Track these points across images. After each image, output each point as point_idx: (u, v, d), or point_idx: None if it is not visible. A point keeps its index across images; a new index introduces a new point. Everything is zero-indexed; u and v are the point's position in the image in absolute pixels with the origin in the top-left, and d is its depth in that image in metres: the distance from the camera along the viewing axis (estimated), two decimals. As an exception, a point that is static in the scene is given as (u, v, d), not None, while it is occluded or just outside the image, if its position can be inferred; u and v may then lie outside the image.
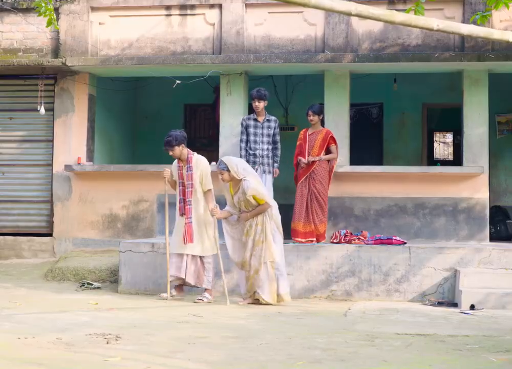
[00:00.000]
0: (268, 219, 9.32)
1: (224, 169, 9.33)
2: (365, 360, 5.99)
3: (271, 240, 9.29)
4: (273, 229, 9.39)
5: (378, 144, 14.97)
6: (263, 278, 9.28)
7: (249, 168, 9.59)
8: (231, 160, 9.43)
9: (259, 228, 9.28)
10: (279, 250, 9.43)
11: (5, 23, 12.85)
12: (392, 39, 11.92)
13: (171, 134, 9.79)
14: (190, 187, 9.72)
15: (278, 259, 9.35)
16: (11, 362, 5.64)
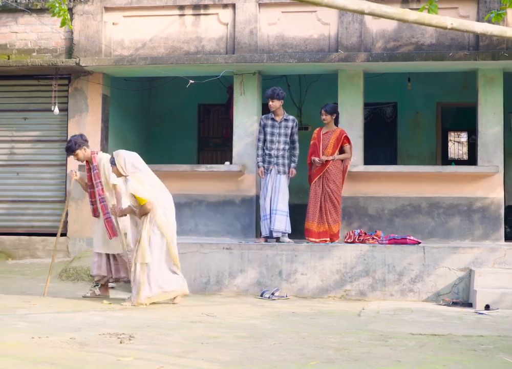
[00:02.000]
0: (147, 220, 9.05)
1: (113, 164, 9.21)
2: (379, 360, 5.96)
3: (145, 241, 9.00)
4: (152, 231, 9.06)
5: (392, 144, 14.93)
6: (133, 278, 9.10)
7: (141, 164, 9.31)
8: (119, 155, 9.23)
9: (140, 228, 9.11)
10: (157, 254, 9.10)
11: (20, 23, 12.89)
12: (406, 38, 11.88)
13: (71, 139, 9.81)
14: (100, 185, 9.71)
15: (149, 260, 9.02)
16: (24, 362, 5.65)
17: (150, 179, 9.32)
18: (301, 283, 10.26)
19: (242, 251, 10.41)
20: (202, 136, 15.77)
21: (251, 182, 12.22)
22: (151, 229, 9.07)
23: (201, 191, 12.41)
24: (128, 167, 9.12)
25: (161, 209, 9.15)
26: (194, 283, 10.39)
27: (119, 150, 9.45)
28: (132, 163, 9.17)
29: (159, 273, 9.14)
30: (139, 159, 9.35)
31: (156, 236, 9.11)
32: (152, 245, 9.07)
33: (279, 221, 10.76)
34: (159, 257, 9.13)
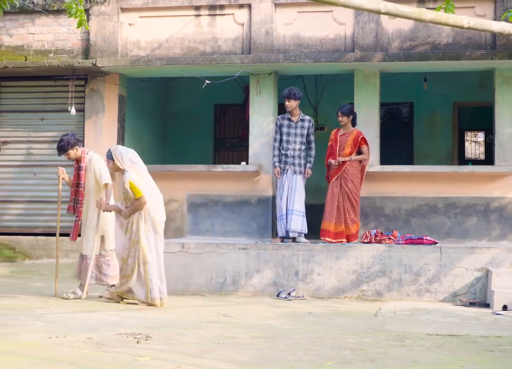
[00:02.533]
0: (142, 219, 9.01)
1: (109, 158, 9.20)
2: (395, 360, 5.94)
3: (144, 241, 8.99)
4: (148, 230, 9.06)
5: (409, 144, 14.89)
6: (137, 279, 9.05)
7: (139, 161, 9.29)
8: (116, 149, 9.25)
9: (134, 227, 9.04)
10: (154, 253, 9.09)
11: (37, 25, 12.96)
12: (422, 38, 11.85)
13: (63, 138, 9.81)
14: (81, 186, 9.75)
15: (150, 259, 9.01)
16: (42, 361, 5.67)
17: (148, 178, 9.33)
18: (317, 283, 10.25)
19: (259, 252, 10.41)
20: (218, 136, 15.79)
21: (267, 182, 12.22)
22: (147, 229, 9.07)
23: (218, 192, 12.42)
24: (125, 161, 9.12)
25: (155, 207, 9.15)
26: (210, 283, 10.40)
27: (117, 146, 9.54)
28: (130, 158, 9.17)
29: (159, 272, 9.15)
30: (136, 156, 9.35)
31: (151, 234, 9.11)
32: (151, 244, 9.08)
33: (295, 221, 10.75)
34: (158, 256, 9.14)
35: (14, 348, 6.16)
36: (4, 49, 13.06)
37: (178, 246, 10.58)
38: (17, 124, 13.28)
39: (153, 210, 9.09)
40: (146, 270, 9.01)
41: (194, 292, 10.37)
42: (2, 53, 13.04)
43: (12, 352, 5.99)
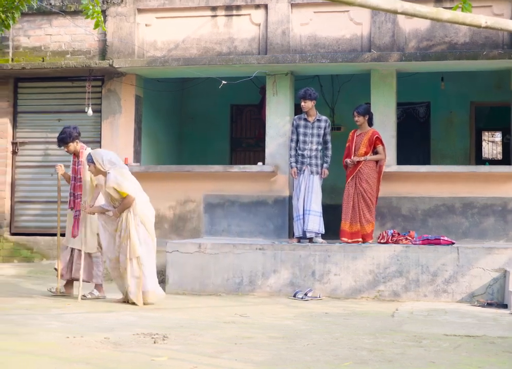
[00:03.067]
0: (131, 215, 9.09)
1: (89, 161, 9.26)
2: (413, 361, 5.93)
3: (135, 236, 9.06)
4: (138, 225, 9.12)
5: (425, 144, 14.84)
6: (130, 275, 9.08)
7: (119, 161, 9.38)
8: (96, 152, 9.34)
9: (124, 224, 9.10)
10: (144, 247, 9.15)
11: (54, 26, 13.01)
12: (439, 37, 11.81)
13: (65, 130, 9.84)
14: (79, 181, 9.77)
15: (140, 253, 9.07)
16: (60, 361, 5.69)
17: (131, 177, 9.41)
18: (334, 283, 10.24)
19: (275, 252, 10.41)
20: (235, 136, 15.80)
21: (284, 183, 12.21)
22: (137, 224, 9.13)
23: (234, 192, 12.42)
24: (106, 163, 9.18)
25: (143, 204, 9.24)
26: (227, 284, 10.41)
27: (96, 149, 9.62)
28: (110, 159, 9.25)
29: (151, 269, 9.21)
30: (116, 157, 9.45)
31: (142, 229, 9.17)
32: (140, 239, 9.14)
33: (312, 221, 10.73)
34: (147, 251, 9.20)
35: (32, 348, 6.19)
36: (22, 51, 13.13)
37: (195, 246, 10.59)
38: (35, 125, 13.34)
39: (140, 206, 9.19)
40: (139, 264, 9.07)
41: (211, 292, 10.38)
42: (20, 54, 13.11)
43: (30, 352, 6.02)
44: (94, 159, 9.19)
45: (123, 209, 9.10)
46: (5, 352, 6.02)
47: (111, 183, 9.04)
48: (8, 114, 13.30)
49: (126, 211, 9.11)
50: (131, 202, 9.09)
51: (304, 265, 10.31)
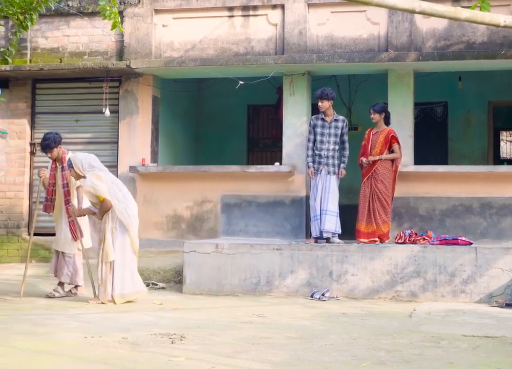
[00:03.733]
0: (109, 218, 9.16)
1: (70, 167, 9.34)
2: (431, 361, 5.91)
3: (109, 239, 9.12)
4: (114, 228, 9.17)
5: (443, 144, 14.80)
6: (99, 277, 9.18)
7: (98, 164, 9.43)
8: (75, 157, 9.39)
9: (103, 227, 9.21)
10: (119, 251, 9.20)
11: (72, 27, 13.06)
12: (457, 37, 11.76)
13: (49, 136, 9.86)
14: (67, 186, 9.80)
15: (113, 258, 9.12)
16: (78, 361, 5.72)
17: (109, 177, 9.45)
18: (351, 283, 10.21)
19: (293, 252, 10.40)
20: (252, 136, 15.80)
21: (301, 183, 12.21)
22: (114, 227, 9.19)
23: (251, 192, 12.43)
24: (85, 166, 9.26)
25: (122, 205, 9.28)
26: (244, 284, 10.41)
27: (75, 153, 9.64)
28: (89, 163, 9.33)
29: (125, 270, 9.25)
30: (96, 160, 9.50)
31: (118, 233, 9.22)
32: (115, 243, 9.20)
33: (329, 221, 10.71)
34: (123, 253, 9.25)
35: (51, 348, 6.23)
36: (39, 52, 13.19)
37: (212, 246, 10.60)
38: (52, 126, 13.36)
39: (120, 207, 9.23)
40: (107, 269, 9.14)
41: (228, 292, 10.38)
42: (38, 55, 13.17)
43: (49, 352, 6.06)
44: (73, 164, 9.30)
45: (103, 213, 9.22)
46: (24, 352, 6.06)
47: (86, 187, 9.17)
48: (26, 115, 13.37)
49: (106, 215, 9.22)
50: (109, 206, 9.17)
51: (321, 265, 10.29)
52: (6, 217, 13.29)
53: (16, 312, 8.35)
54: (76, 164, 9.26)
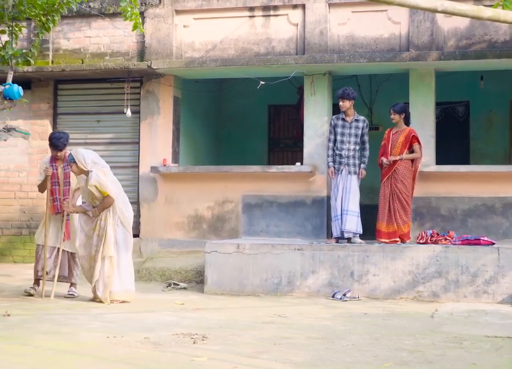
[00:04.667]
0: (110, 214, 9.23)
1: (71, 161, 9.34)
2: (454, 362, 5.88)
3: (111, 235, 9.18)
4: (116, 225, 9.25)
5: (465, 143, 14.72)
6: (100, 274, 9.18)
7: (101, 161, 9.49)
8: (78, 152, 9.41)
9: (103, 223, 9.23)
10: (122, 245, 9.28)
11: (93, 28, 13.12)
12: (479, 36, 11.70)
13: (63, 136, 9.86)
14: (69, 184, 9.82)
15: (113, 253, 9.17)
16: (101, 360, 5.75)
17: (112, 176, 9.54)
18: (373, 284, 10.19)
19: (314, 252, 10.39)
20: (272, 136, 15.80)
21: (322, 183, 12.19)
22: (116, 223, 9.26)
23: (272, 192, 12.43)
24: (88, 161, 9.31)
25: (122, 204, 9.39)
26: (265, 284, 10.41)
27: (77, 149, 9.70)
28: (92, 159, 9.39)
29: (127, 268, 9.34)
30: (97, 156, 9.57)
31: (120, 229, 9.31)
32: (118, 239, 9.27)
33: (350, 221, 10.70)
34: (126, 250, 9.34)
35: (74, 347, 6.26)
36: (61, 53, 13.25)
37: (234, 246, 10.61)
38: (74, 126, 13.44)
39: (121, 205, 9.35)
40: (111, 264, 9.20)
41: (249, 293, 10.39)
42: (60, 56, 13.23)
43: (73, 351, 6.09)
44: (76, 159, 9.33)
45: (102, 209, 9.27)
46: (48, 351, 6.10)
47: (93, 182, 9.20)
48: (48, 116, 13.44)
49: (106, 211, 9.28)
50: (111, 202, 9.26)
51: (342, 266, 10.28)
52: (29, 217, 13.36)
53: (39, 312, 8.40)
54: (79, 159, 9.31)
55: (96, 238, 9.31)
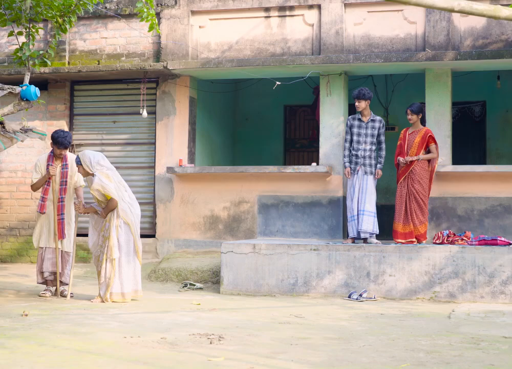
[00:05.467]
0: (114, 216, 9.30)
1: (78, 164, 9.43)
2: (471, 363, 5.86)
3: (114, 237, 9.24)
4: (119, 226, 9.30)
5: (481, 143, 14.70)
6: (103, 274, 9.28)
7: (106, 163, 9.53)
8: (84, 154, 9.46)
9: (107, 225, 9.32)
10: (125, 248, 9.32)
11: (109, 29, 13.17)
12: (495, 35, 11.66)
13: (66, 134, 9.85)
14: (64, 184, 9.85)
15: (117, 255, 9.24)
16: (117, 360, 5.76)
17: (117, 177, 9.58)
18: (389, 284, 10.17)
19: (330, 253, 10.38)
20: (288, 137, 15.82)
21: (338, 183, 12.18)
22: (118, 225, 9.32)
23: (288, 193, 12.44)
24: (93, 164, 9.38)
25: (126, 205, 9.42)
26: (281, 284, 10.42)
27: (85, 151, 9.69)
28: (98, 162, 9.44)
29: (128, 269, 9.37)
30: (103, 158, 9.61)
31: (122, 230, 9.36)
32: (120, 241, 9.33)
33: (366, 221, 10.68)
34: (127, 252, 9.38)
35: (92, 347, 6.28)
36: (78, 54, 13.31)
37: (250, 247, 10.62)
38: (90, 127, 13.52)
39: (125, 207, 9.38)
40: (113, 266, 9.26)
41: (265, 293, 10.40)
42: (76, 57, 13.29)
43: (90, 351, 6.11)
44: (82, 161, 9.41)
45: (108, 211, 9.36)
46: (65, 351, 6.12)
47: (96, 186, 9.28)
48: (65, 117, 13.50)
49: (110, 213, 9.36)
50: (115, 205, 9.32)
51: (359, 266, 10.27)
52: (46, 217, 13.41)
53: (56, 312, 8.44)
54: (84, 161, 9.40)
55: (101, 239, 9.42)
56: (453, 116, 12.59)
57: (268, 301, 9.82)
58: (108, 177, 9.39)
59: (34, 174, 9.98)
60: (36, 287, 10.44)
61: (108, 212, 9.34)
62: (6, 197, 13.68)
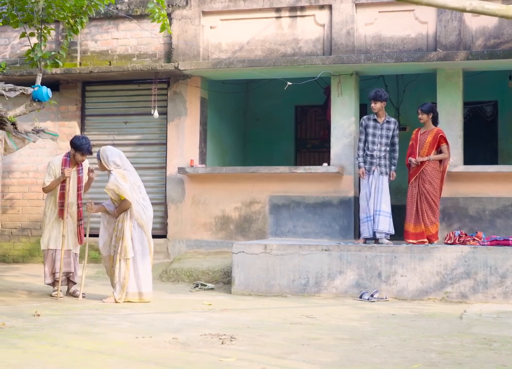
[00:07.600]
0: (127, 217, 9.30)
1: (97, 158, 9.48)
2: (483, 364, 5.84)
3: (128, 237, 9.25)
4: (133, 227, 9.31)
5: (493, 143, 14.65)
6: (117, 274, 9.27)
7: (124, 162, 9.54)
8: (104, 150, 9.51)
9: (120, 225, 9.32)
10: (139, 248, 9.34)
11: (120, 30, 13.20)
12: (507, 35, 11.63)
13: (88, 140, 9.92)
14: (81, 189, 9.93)
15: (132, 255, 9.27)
16: (129, 361, 5.77)
17: (133, 177, 9.59)
18: (400, 284, 10.16)
19: (341, 253, 10.37)
20: (299, 137, 15.81)
21: (349, 183, 12.17)
22: (132, 226, 9.33)
23: (300, 193, 12.43)
24: (110, 163, 9.42)
25: (140, 206, 9.43)
26: (293, 285, 10.41)
27: (106, 146, 9.77)
28: (114, 161, 9.45)
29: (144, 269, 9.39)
30: (122, 157, 9.61)
31: (137, 231, 9.38)
32: (134, 241, 9.34)
33: (383, 222, 10.65)
34: (142, 252, 9.39)
35: (104, 347, 6.30)
36: (89, 55, 13.35)
37: (261, 247, 10.62)
38: (102, 128, 13.55)
39: (138, 208, 9.39)
40: (127, 266, 9.28)
41: (276, 293, 10.40)
42: (88, 58, 13.33)
43: (102, 351, 6.12)
44: (101, 156, 9.47)
45: (120, 211, 9.38)
46: (77, 351, 6.14)
47: (111, 185, 9.31)
48: (76, 117, 13.54)
49: (123, 213, 9.36)
50: (128, 206, 9.33)
51: (370, 266, 10.25)
52: (57, 218, 13.45)
53: (68, 312, 8.46)
54: (103, 157, 9.45)
55: (114, 239, 9.41)
56: (464, 116, 12.55)
57: (279, 301, 9.82)
58: (124, 177, 9.40)
59: (46, 177, 9.91)
60: (47, 287, 10.47)
61: (121, 212, 9.35)
62: (18, 197, 13.73)
